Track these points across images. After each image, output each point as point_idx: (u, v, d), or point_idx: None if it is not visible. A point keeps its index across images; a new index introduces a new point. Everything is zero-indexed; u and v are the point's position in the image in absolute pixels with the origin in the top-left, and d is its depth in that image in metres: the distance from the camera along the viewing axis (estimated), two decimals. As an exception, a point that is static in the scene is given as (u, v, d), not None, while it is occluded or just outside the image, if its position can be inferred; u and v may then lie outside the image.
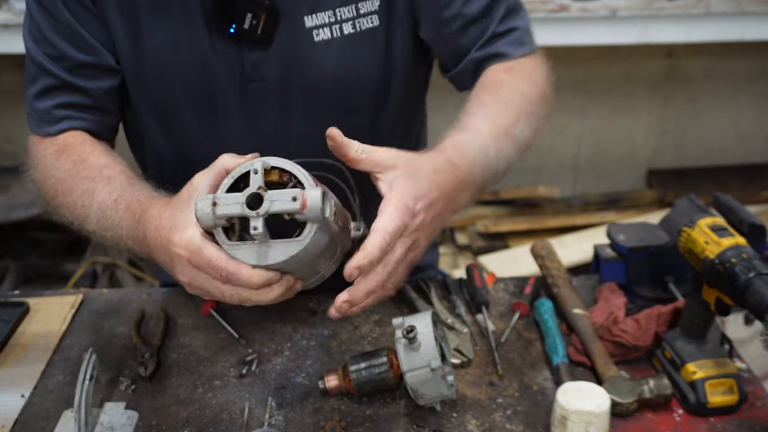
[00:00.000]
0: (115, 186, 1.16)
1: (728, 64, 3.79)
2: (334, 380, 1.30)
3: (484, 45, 1.30)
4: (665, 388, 1.27)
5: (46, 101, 1.26)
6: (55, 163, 1.23)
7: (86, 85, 1.25)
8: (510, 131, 1.19)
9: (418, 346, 1.21)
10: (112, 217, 1.13)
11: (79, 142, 1.26)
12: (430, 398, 1.24)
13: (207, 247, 0.97)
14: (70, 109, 1.26)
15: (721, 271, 1.20)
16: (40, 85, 1.26)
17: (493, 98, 1.22)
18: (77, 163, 1.21)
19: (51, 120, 1.27)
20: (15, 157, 3.75)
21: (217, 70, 1.24)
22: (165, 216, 1.03)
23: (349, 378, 1.28)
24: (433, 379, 1.20)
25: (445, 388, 1.22)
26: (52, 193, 1.23)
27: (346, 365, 1.30)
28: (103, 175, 1.18)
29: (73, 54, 1.23)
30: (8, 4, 2.99)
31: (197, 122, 1.30)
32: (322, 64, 1.24)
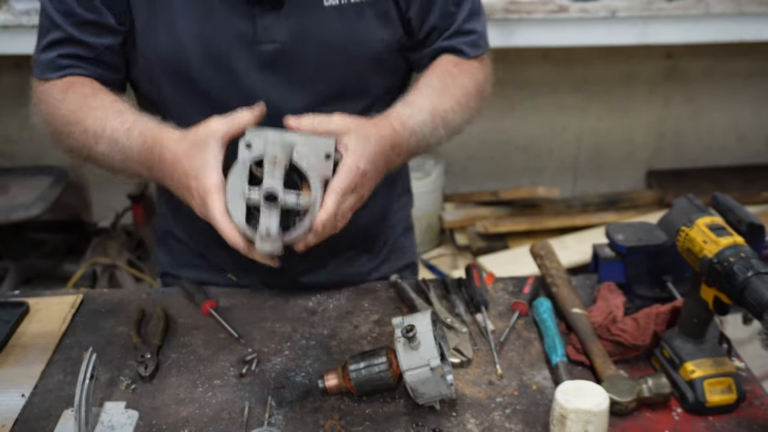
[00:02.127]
0: (126, 117, 1.26)
1: (728, 64, 3.80)
2: (334, 379, 1.30)
3: (447, 38, 1.46)
4: (664, 387, 1.28)
5: (52, 52, 1.35)
6: (64, 97, 1.31)
7: (89, 40, 1.33)
8: (445, 116, 1.36)
9: (418, 346, 1.21)
10: (123, 142, 1.23)
11: (85, 81, 1.34)
12: (430, 397, 1.25)
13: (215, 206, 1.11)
14: (73, 59, 1.34)
15: (719, 271, 1.20)
16: (49, 38, 1.35)
17: (439, 84, 1.39)
18: (86, 97, 1.30)
19: (55, 67, 1.35)
20: (15, 157, 3.75)
21: (231, 31, 1.31)
22: (181, 150, 1.15)
23: (349, 377, 1.29)
24: (432, 378, 1.21)
25: (445, 387, 1.23)
26: (62, 123, 1.31)
27: (346, 364, 1.30)
28: (114, 107, 1.28)
29: (78, 11, 1.31)
30: (8, 4, 2.99)
31: (210, 82, 1.36)
32: (330, 27, 1.33)
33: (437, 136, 1.35)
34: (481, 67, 1.50)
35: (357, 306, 1.56)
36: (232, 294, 1.60)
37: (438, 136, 1.35)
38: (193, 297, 1.56)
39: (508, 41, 3.10)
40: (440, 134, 1.36)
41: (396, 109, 1.31)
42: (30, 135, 3.71)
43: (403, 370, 1.22)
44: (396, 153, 1.26)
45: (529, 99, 3.78)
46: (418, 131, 1.30)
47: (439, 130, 1.35)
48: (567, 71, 3.72)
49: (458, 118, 1.40)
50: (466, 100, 1.42)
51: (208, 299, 1.54)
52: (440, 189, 3.69)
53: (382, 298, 1.59)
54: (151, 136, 1.21)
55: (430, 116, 1.33)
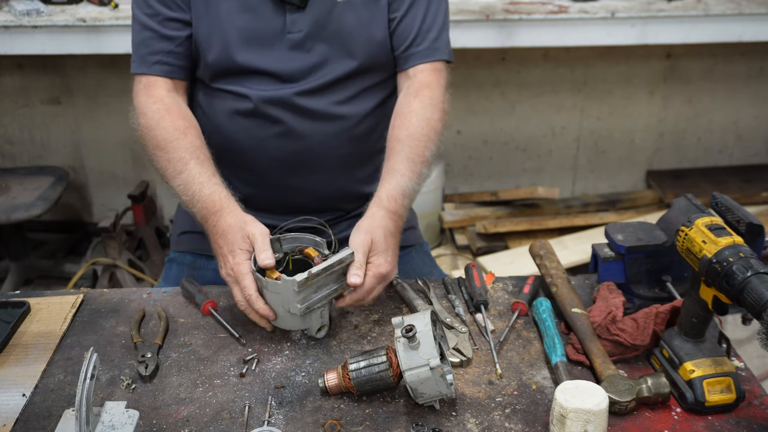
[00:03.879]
0: (204, 169, 1.57)
1: (727, 64, 3.80)
2: (334, 379, 1.31)
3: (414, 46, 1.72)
4: (663, 387, 1.28)
5: (143, 49, 1.68)
6: (161, 122, 1.62)
7: (171, 33, 1.67)
8: (422, 156, 1.61)
9: (417, 345, 1.22)
10: (194, 192, 1.54)
11: (179, 111, 1.65)
12: (430, 397, 1.25)
13: (247, 277, 1.42)
14: (160, 55, 1.67)
15: (718, 270, 1.20)
16: (140, 38, 1.68)
17: (406, 132, 1.63)
18: (179, 132, 1.61)
19: (146, 63, 1.68)
20: (15, 157, 3.76)
21: (267, 25, 1.64)
22: (231, 232, 1.45)
23: (349, 377, 1.29)
24: (432, 377, 1.21)
25: (444, 386, 1.23)
26: (152, 145, 1.62)
27: (346, 364, 1.31)
28: (197, 154, 1.59)
29: (162, 11, 1.66)
30: (9, 5, 3.00)
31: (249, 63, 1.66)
32: (342, 18, 1.64)
33: (423, 179, 1.61)
34: (438, 85, 1.72)
35: (357, 306, 1.56)
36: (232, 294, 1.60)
37: (423, 177, 1.61)
38: (193, 297, 1.56)
39: (508, 41, 3.10)
40: (424, 174, 1.61)
41: (383, 190, 1.54)
42: (30, 135, 3.72)
43: (403, 369, 1.22)
44: (398, 226, 1.53)
45: (529, 99, 3.78)
46: (408, 195, 1.56)
47: (423, 173, 1.60)
48: (567, 71, 3.73)
49: (433, 148, 1.63)
50: (434, 132, 1.65)
51: (208, 299, 1.54)
52: (440, 189, 3.69)
53: (382, 298, 1.59)
54: (218, 202, 1.51)
55: (410, 173, 1.57)
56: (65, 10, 3.04)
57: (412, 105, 1.66)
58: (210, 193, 1.52)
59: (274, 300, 1.40)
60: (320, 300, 1.40)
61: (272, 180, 1.73)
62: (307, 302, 1.38)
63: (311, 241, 1.51)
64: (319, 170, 1.73)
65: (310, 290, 1.38)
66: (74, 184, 3.80)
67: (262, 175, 1.73)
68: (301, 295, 1.37)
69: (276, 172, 1.72)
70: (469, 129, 3.81)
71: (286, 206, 1.74)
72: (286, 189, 1.74)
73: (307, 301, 1.38)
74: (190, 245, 1.86)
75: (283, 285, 1.37)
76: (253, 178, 1.74)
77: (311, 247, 1.50)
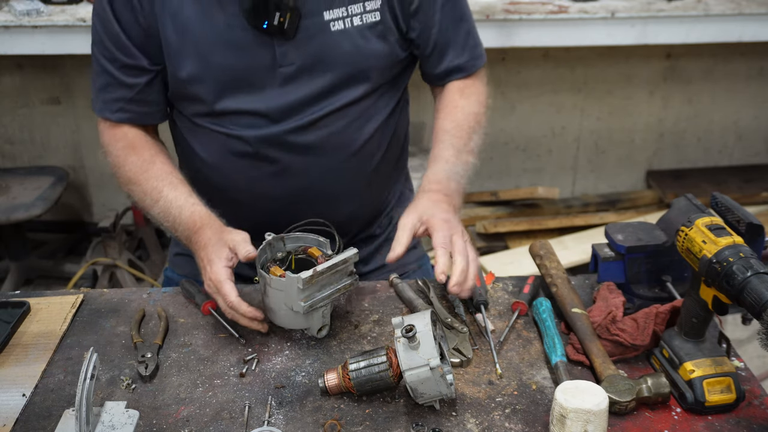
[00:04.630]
0: (179, 193, 1.55)
1: (727, 64, 3.80)
2: (334, 379, 1.31)
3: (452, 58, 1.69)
4: (663, 387, 1.28)
5: (105, 94, 1.62)
6: (127, 158, 1.61)
7: (129, 80, 1.59)
8: (467, 147, 1.65)
9: (417, 345, 1.22)
10: (174, 217, 1.54)
11: (144, 144, 1.63)
12: (430, 397, 1.25)
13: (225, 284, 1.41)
14: (120, 103, 1.61)
15: (718, 270, 1.20)
16: (101, 81, 1.61)
17: (452, 124, 1.66)
18: (147, 162, 1.59)
19: (109, 110, 1.63)
20: (16, 157, 3.76)
21: (255, 58, 1.53)
22: (210, 243, 1.45)
23: (349, 377, 1.29)
24: (432, 377, 1.21)
25: (445, 387, 1.23)
26: (125, 180, 1.62)
27: (346, 364, 1.31)
28: (168, 180, 1.57)
29: (119, 56, 1.57)
30: (9, 5, 3.00)
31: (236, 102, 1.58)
32: (337, 48, 1.54)
33: (470, 167, 1.63)
34: (481, 82, 1.74)
35: (357, 306, 1.56)
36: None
37: (470, 166, 1.64)
38: (194, 297, 1.56)
39: (508, 41, 3.10)
40: (471, 163, 1.64)
41: (431, 173, 1.57)
42: (30, 135, 3.72)
43: (403, 369, 1.22)
44: (452, 204, 1.52)
45: (529, 99, 3.78)
46: (454, 178, 1.57)
47: (468, 161, 1.63)
48: (567, 71, 3.73)
49: (478, 140, 1.68)
50: (478, 125, 1.69)
51: (208, 299, 1.54)
52: (440, 189, 3.68)
53: (382, 298, 1.59)
54: (198, 220, 1.51)
55: (456, 159, 1.61)
56: (65, 10, 3.04)
57: (458, 101, 1.68)
58: (190, 213, 1.52)
59: (277, 297, 1.41)
60: (323, 299, 1.40)
61: (271, 216, 1.62)
62: (311, 300, 1.38)
63: (314, 241, 1.51)
64: (320, 202, 1.66)
65: (313, 288, 1.38)
66: (74, 184, 3.80)
67: (260, 211, 1.66)
68: (305, 293, 1.37)
69: (275, 209, 1.66)
70: (469, 129, 3.80)
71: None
72: (288, 223, 1.58)
73: (310, 300, 1.38)
74: (188, 269, 1.79)
75: (287, 282, 1.37)
76: (251, 214, 1.66)
77: (314, 246, 1.50)
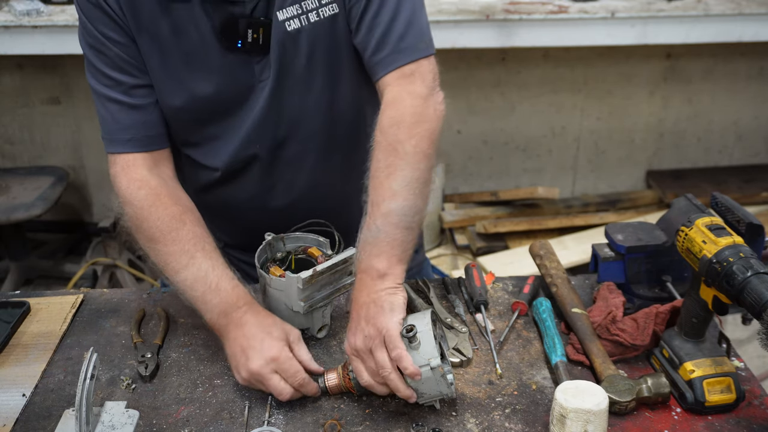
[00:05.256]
0: (215, 263, 1.40)
1: (727, 64, 3.80)
2: (334, 379, 1.31)
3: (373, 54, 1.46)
4: (663, 387, 1.28)
5: (113, 125, 1.50)
6: (152, 212, 1.44)
7: (139, 102, 1.48)
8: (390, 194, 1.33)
9: (418, 345, 1.22)
10: (208, 288, 1.37)
11: (169, 195, 1.48)
12: (430, 397, 1.25)
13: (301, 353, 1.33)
14: (133, 130, 1.49)
15: (718, 270, 1.20)
16: (106, 113, 1.50)
17: (372, 180, 1.37)
18: (176, 221, 1.44)
19: (121, 142, 1.50)
20: (15, 157, 3.76)
21: (236, 81, 1.48)
22: (267, 322, 1.34)
23: (349, 377, 1.29)
24: (432, 377, 1.21)
25: (445, 386, 1.23)
26: (147, 237, 1.44)
27: (346, 364, 1.31)
28: (201, 245, 1.42)
29: (125, 79, 1.47)
30: (9, 5, 3.00)
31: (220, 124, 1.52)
32: (296, 50, 1.46)
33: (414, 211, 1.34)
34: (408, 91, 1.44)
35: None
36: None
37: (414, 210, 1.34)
38: (194, 297, 1.56)
39: (508, 41, 3.10)
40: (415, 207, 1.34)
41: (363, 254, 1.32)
42: (30, 135, 3.72)
43: None
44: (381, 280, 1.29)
45: (529, 99, 3.78)
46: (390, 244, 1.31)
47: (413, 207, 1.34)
48: (567, 71, 3.73)
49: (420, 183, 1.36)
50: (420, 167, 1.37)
51: (208, 299, 1.54)
52: (440, 189, 3.69)
53: (382, 298, 1.59)
54: (242, 297, 1.37)
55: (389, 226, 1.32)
56: (65, 10, 3.04)
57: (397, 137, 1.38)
58: (233, 287, 1.38)
59: (277, 297, 1.41)
60: (323, 299, 1.40)
61: (271, 228, 1.53)
62: (310, 300, 1.38)
63: (314, 241, 1.51)
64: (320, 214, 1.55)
65: (313, 288, 1.38)
66: (74, 184, 3.80)
67: (259, 226, 1.54)
68: (304, 293, 1.37)
69: (274, 222, 1.55)
70: (469, 129, 3.81)
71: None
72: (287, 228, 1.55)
73: (310, 300, 1.38)
74: None
75: (287, 282, 1.37)
76: (252, 230, 1.57)
77: (314, 246, 1.50)
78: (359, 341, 1.25)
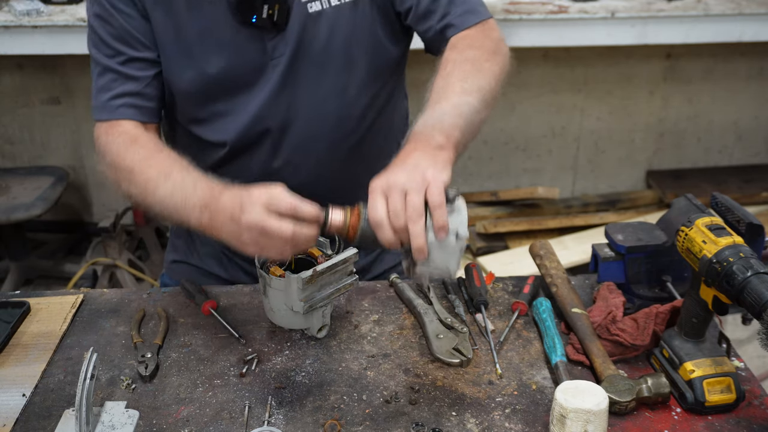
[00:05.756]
0: (191, 173, 1.36)
1: (727, 64, 3.80)
2: (340, 216, 1.20)
3: (440, 19, 1.51)
4: (663, 387, 1.28)
5: (106, 93, 1.51)
6: (129, 149, 1.46)
7: (136, 73, 1.51)
8: (456, 89, 1.35)
9: (452, 211, 1.14)
10: (187, 192, 1.32)
11: (147, 138, 1.49)
12: (434, 267, 1.16)
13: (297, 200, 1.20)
14: (125, 98, 1.50)
15: (718, 270, 1.20)
16: (101, 82, 1.52)
17: (441, 79, 1.39)
18: (152, 151, 1.45)
19: (110, 108, 1.51)
20: (15, 157, 3.76)
21: (247, 57, 1.49)
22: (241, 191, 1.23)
23: (358, 222, 1.18)
24: (452, 246, 1.14)
25: (455, 262, 1.15)
26: (126, 170, 1.44)
27: (358, 207, 1.20)
28: (179, 162, 1.40)
29: (126, 50, 1.50)
30: (9, 5, 3.00)
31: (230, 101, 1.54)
32: (316, 31, 1.49)
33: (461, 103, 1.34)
34: (481, 33, 1.52)
35: (357, 306, 1.56)
36: (232, 294, 1.60)
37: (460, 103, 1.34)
38: (194, 297, 1.56)
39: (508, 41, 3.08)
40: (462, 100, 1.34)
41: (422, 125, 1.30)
42: (30, 135, 3.72)
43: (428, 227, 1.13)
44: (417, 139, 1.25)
45: (529, 99, 3.78)
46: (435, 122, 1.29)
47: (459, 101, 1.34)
48: (567, 71, 3.73)
49: (480, 81, 1.40)
50: (474, 69, 1.42)
51: (208, 299, 1.54)
52: (440, 189, 3.68)
53: (381, 298, 1.59)
54: (219, 186, 1.29)
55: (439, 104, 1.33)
56: (65, 10, 3.04)
57: (448, 56, 1.45)
58: (210, 185, 1.33)
59: (277, 297, 1.41)
60: (323, 299, 1.40)
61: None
62: (310, 300, 1.38)
63: None
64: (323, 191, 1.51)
65: (313, 288, 1.38)
66: (74, 184, 3.80)
67: None
68: (304, 293, 1.37)
69: None
70: (469, 129, 3.81)
71: None
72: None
73: (310, 300, 1.38)
74: (180, 276, 1.76)
75: (287, 282, 1.37)
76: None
77: (314, 246, 1.50)
78: (399, 177, 1.16)
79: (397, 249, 1.18)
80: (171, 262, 1.86)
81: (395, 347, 1.44)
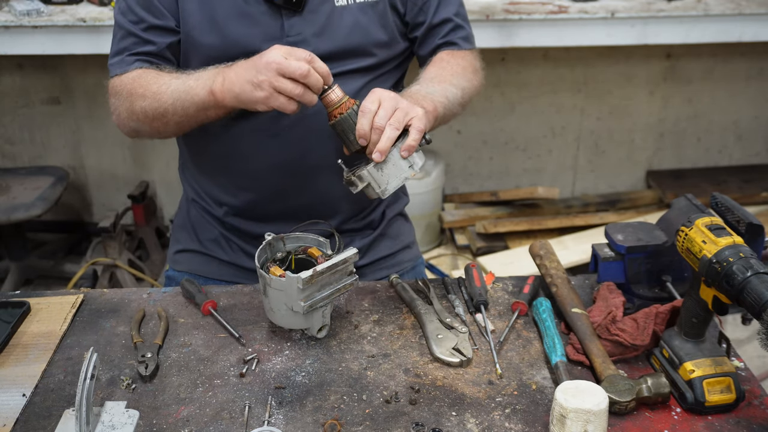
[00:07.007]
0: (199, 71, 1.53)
1: (727, 65, 3.80)
2: (340, 93, 1.43)
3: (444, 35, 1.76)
4: (663, 387, 1.28)
5: (124, 53, 1.63)
6: (134, 81, 1.59)
7: (154, 39, 1.63)
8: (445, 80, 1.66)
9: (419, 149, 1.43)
10: (197, 78, 1.50)
11: (152, 70, 1.61)
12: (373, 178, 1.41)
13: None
14: (140, 56, 1.63)
15: (718, 270, 1.20)
16: (122, 44, 1.64)
17: (436, 69, 1.70)
18: (156, 75, 1.58)
19: (126, 63, 1.63)
20: (15, 157, 3.76)
21: (266, 31, 1.60)
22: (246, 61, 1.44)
23: (349, 107, 1.43)
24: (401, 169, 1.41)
25: (393, 185, 1.40)
26: (138, 97, 1.57)
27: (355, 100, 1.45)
28: (184, 72, 1.56)
29: (148, 18, 1.62)
30: (9, 5, 3.00)
31: None
32: (339, 22, 1.63)
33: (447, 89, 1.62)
34: (472, 55, 1.79)
35: (357, 306, 1.56)
36: (232, 294, 1.60)
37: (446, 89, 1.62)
38: (194, 297, 1.56)
39: (508, 41, 3.10)
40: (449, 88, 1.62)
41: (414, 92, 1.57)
42: (30, 135, 3.72)
43: None
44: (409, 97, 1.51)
45: (529, 99, 3.78)
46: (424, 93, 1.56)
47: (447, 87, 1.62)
48: (567, 71, 3.73)
49: (461, 81, 1.68)
50: (462, 71, 1.71)
51: (208, 299, 1.54)
52: (440, 189, 3.69)
53: (382, 298, 1.59)
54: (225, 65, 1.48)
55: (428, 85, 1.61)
56: (65, 10, 3.04)
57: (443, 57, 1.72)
58: (215, 68, 1.51)
59: (277, 297, 1.41)
60: (323, 299, 1.40)
61: (273, 185, 1.68)
62: (310, 300, 1.38)
63: (314, 241, 1.51)
64: (320, 172, 1.68)
65: (313, 288, 1.38)
66: (74, 184, 3.80)
67: (261, 181, 1.68)
68: (304, 293, 1.37)
69: (276, 178, 1.67)
70: (469, 129, 3.81)
71: (288, 211, 1.70)
72: (288, 193, 1.68)
73: (310, 300, 1.38)
74: (189, 265, 1.83)
75: (287, 282, 1.37)
76: (254, 184, 1.69)
77: (314, 246, 1.50)
78: (396, 97, 1.43)
79: (361, 146, 1.42)
80: (174, 252, 1.89)
81: (395, 347, 1.44)
